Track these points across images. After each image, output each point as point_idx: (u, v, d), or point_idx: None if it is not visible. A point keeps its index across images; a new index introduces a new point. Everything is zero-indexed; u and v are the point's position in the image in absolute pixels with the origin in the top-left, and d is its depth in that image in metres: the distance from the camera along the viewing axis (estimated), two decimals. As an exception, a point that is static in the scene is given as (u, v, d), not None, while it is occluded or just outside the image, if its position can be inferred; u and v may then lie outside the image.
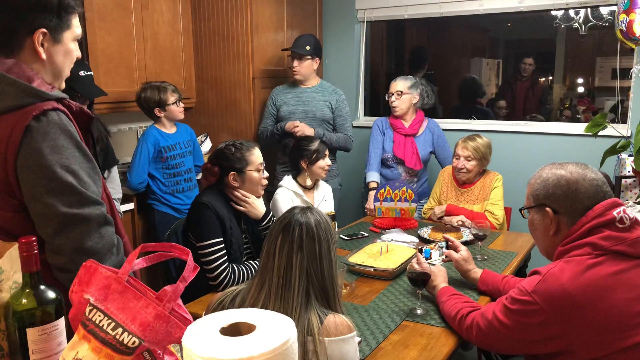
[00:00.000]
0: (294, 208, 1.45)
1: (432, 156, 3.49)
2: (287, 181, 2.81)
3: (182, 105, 3.13)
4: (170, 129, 3.14)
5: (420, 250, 2.08)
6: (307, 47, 3.40)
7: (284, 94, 3.50)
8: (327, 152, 2.84)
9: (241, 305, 1.38)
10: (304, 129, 3.30)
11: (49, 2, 1.26)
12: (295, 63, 3.41)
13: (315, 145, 2.80)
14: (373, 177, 3.33)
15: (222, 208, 2.19)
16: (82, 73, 2.55)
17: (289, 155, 2.96)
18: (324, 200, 2.92)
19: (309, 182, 2.84)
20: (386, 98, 3.41)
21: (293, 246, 1.36)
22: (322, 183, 2.96)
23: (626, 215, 1.41)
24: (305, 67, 3.42)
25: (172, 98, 3.06)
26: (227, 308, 1.36)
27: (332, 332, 1.30)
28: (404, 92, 3.32)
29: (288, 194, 2.75)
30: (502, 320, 1.45)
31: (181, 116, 3.14)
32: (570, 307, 1.33)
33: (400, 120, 3.37)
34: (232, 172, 2.22)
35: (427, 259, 2.09)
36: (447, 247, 2.13)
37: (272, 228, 1.43)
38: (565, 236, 1.46)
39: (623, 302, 1.33)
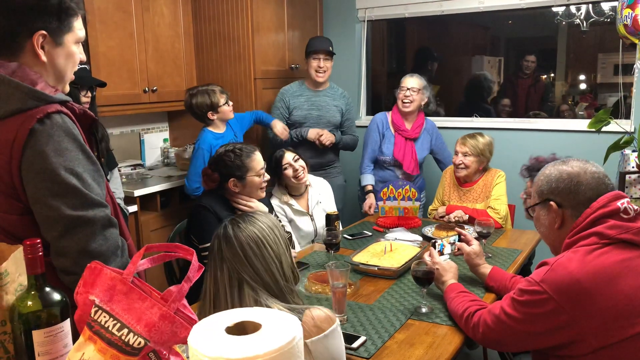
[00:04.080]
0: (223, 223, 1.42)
1: (427, 156, 3.47)
2: (275, 191, 2.79)
3: (231, 103, 3.15)
4: (222, 129, 3.16)
5: (434, 244, 2.08)
6: (330, 48, 3.43)
7: (296, 96, 3.45)
8: (288, 160, 2.69)
9: None
10: (328, 137, 3.33)
11: (49, 4, 1.26)
12: (322, 63, 3.37)
13: (272, 160, 2.70)
14: (369, 180, 3.33)
15: (223, 211, 2.19)
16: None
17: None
18: (318, 202, 2.86)
19: (291, 200, 2.79)
20: (396, 93, 3.32)
21: (216, 260, 1.34)
22: (314, 183, 2.89)
23: (630, 207, 1.43)
24: (330, 68, 3.43)
25: (222, 99, 3.08)
26: None
27: (312, 332, 1.26)
28: (421, 90, 3.27)
29: (277, 204, 2.74)
30: (510, 314, 1.45)
31: (232, 115, 3.16)
32: (579, 294, 1.34)
33: (403, 120, 3.32)
34: (232, 179, 2.21)
35: (439, 252, 2.09)
36: (460, 241, 2.12)
37: None
38: (570, 229, 1.47)
39: (631, 289, 1.34)
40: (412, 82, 3.27)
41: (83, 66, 2.61)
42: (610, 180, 1.50)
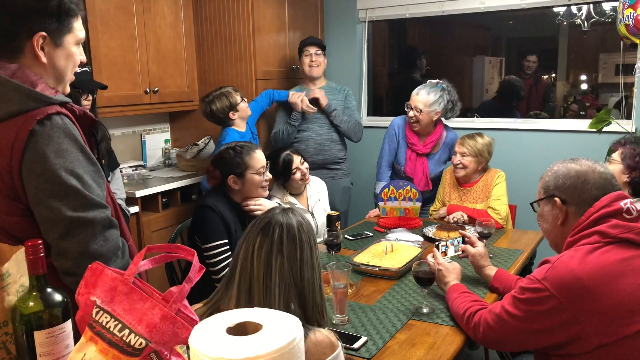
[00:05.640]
0: (274, 208, 1.36)
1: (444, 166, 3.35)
2: (277, 191, 2.80)
3: (246, 99, 3.20)
4: (243, 127, 3.19)
5: (437, 246, 2.07)
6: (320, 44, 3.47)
7: None
8: (296, 163, 2.71)
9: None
10: (319, 94, 3.34)
11: (49, 5, 1.25)
12: (314, 57, 3.44)
13: (279, 163, 2.69)
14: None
15: (227, 211, 2.20)
16: (78, 69, 2.54)
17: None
18: (318, 200, 2.90)
19: (292, 199, 2.81)
20: (405, 108, 3.16)
21: (273, 248, 1.26)
22: (311, 182, 2.92)
23: (633, 207, 1.44)
24: (322, 63, 3.47)
25: (238, 97, 3.12)
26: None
27: (313, 356, 1.17)
28: (424, 111, 3.03)
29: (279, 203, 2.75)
30: (511, 312, 1.45)
31: (249, 111, 3.20)
32: (580, 291, 1.34)
33: (416, 135, 3.18)
34: (232, 176, 2.22)
35: (443, 253, 2.08)
36: (464, 243, 2.12)
37: (248, 228, 1.33)
38: (573, 227, 1.48)
39: (632, 287, 1.35)
40: (417, 101, 3.05)
41: (84, 69, 2.62)
42: (617, 182, 1.51)
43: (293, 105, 3.36)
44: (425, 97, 3.05)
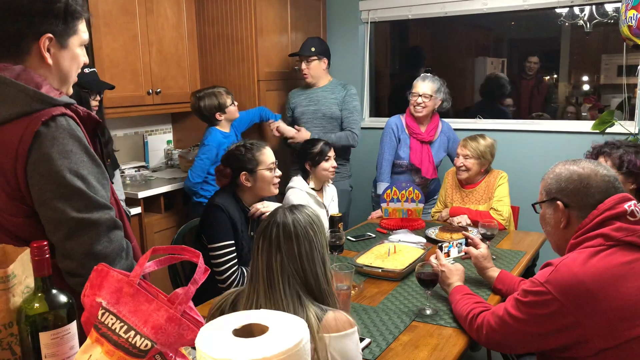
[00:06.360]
0: (277, 209, 1.43)
1: (443, 158, 3.40)
2: (298, 182, 2.82)
3: (236, 103, 3.25)
4: (228, 129, 3.25)
5: (440, 247, 2.08)
6: (312, 49, 3.44)
7: (298, 96, 3.56)
8: (331, 154, 2.84)
9: (237, 309, 1.37)
10: (302, 135, 3.35)
11: (55, 7, 1.26)
12: (304, 65, 3.46)
13: (317, 147, 2.82)
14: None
15: (235, 211, 2.20)
16: (86, 70, 2.57)
17: (297, 157, 3.04)
18: (332, 200, 2.95)
19: (313, 185, 2.86)
20: (409, 97, 3.24)
21: (272, 248, 1.35)
22: (328, 184, 3.00)
23: (637, 209, 1.43)
24: (314, 69, 3.46)
25: (228, 100, 3.17)
26: (227, 312, 1.34)
27: (332, 328, 1.28)
28: (433, 96, 3.18)
29: (301, 194, 2.76)
30: (514, 315, 1.45)
31: (237, 114, 3.26)
32: (583, 295, 1.34)
33: (417, 124, 3.25)
34: (244, 172, 2.23)
35: (446, 254, 2.08)
36: (467, 244, 2.12)
37: (256, 232, 1.42)
38: (576, 230, 1.48)
39: (635, 290, 1.34)
40: (423, 87, 3.18)
41: (93, 69, 2.64)
42: (620, 184, 1.50)
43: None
44: (432, 84, 3.20)
